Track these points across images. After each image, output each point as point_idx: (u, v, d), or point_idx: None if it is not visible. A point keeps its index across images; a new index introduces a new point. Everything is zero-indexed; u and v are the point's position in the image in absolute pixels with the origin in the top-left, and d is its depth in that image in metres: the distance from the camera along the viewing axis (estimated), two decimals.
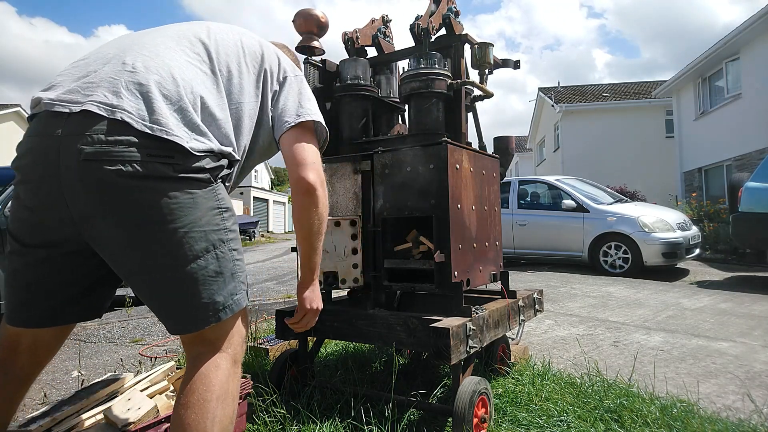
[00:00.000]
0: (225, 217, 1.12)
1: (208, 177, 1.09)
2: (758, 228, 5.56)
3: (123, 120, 1.00)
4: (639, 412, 1.87)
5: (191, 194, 1.05)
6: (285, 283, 7.06)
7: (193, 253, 1.04)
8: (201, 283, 1.06)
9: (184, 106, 1.08)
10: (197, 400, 1.02)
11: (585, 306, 4.42)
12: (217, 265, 1.08)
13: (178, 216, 1.03)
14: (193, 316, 1.07)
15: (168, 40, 1.18)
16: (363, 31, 2.47)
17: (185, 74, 1.12)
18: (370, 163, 2.10)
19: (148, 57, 1.11)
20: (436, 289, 1.90)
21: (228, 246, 1.11)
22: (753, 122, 10.31)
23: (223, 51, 1.23)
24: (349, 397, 1.94)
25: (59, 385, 2.66)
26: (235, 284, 1.12)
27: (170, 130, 1.03)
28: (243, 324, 1.18)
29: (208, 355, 1.08)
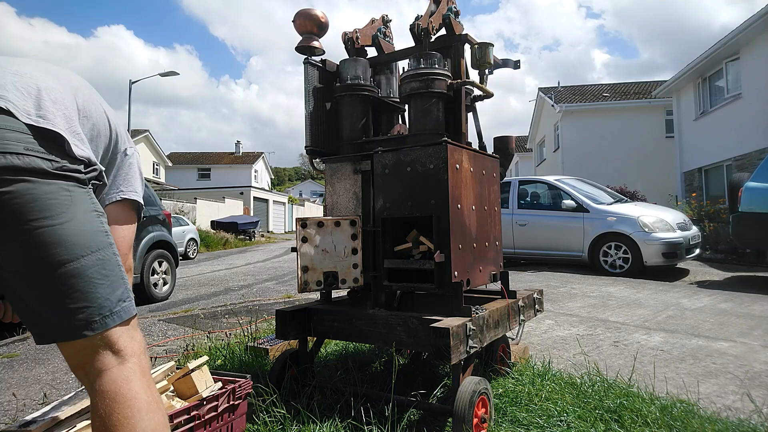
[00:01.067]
0: (103, 221, 1.07)
1: (84, 179, 1.05)
2: (758, 228, 5.56)
3: (7, 109, 0.97)
4: (639, 412, 1.87)
5: (69, 192, 1.00)
6: (285, 283, 7.06)
7: (75, 252, 0.97)
8: (85, 285, 0.98)
9: (69, 114, 1.08)
10: (118, 420, 0.94)
11: (585, 306, 4.42)
12: (102, 267, 1.01)
13: (56, 212, 0.96)
14: (75, 321, 0.96)
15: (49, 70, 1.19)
16: (363, 31, 2.47)
17: (66, 94, 1.13)
18: (370, 163, 2.10)
19: (33, 67, 1.12)
20: (436, 289, 1.90)
21: (111, 250, 1.05)
22: (753, 122, 10.31)
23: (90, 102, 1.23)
24: (349, 397, 1.94)
25: (59, 385, 2.66)
26: (123, 290, 1.05)
27: (56, 125, 1.01)
28: (139, 334, 1.08)
29: (111, 371, 0.98)
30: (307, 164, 2.42)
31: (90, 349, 0.99)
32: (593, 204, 7.15)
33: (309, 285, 1.99)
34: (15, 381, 2.79)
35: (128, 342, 1.03)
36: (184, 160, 39.14)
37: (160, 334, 3.86)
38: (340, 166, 2.22)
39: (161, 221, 6.10)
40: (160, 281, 5.89)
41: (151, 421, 0.97)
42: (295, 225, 2.00)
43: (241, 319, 3.81)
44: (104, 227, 1.07)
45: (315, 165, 2.43)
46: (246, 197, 29.01)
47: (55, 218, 0.96)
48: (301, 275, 1.98)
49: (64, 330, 0.97)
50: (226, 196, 25.80)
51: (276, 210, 33.60)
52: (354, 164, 2.18)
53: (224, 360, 2.69)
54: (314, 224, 2.00)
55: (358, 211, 2.13)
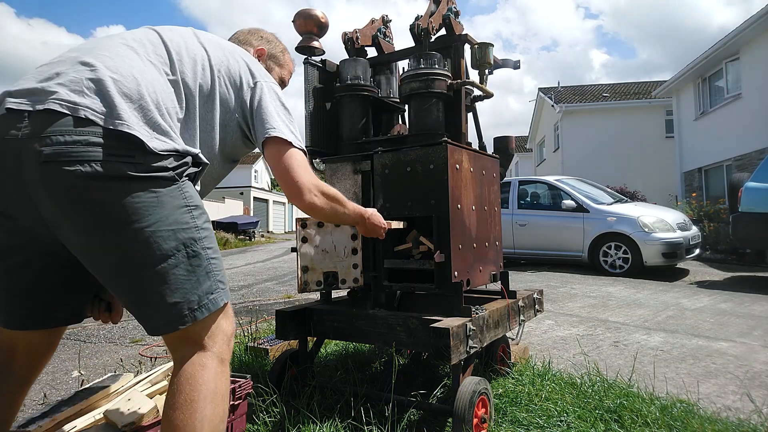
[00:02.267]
0: (195, 215, 1.09)
1: (171, 175, 1.06)
2: (758, 228, 5.56)
3: (87, 117, 0.98)
4: (639, 412, 1.87)
5: (155, 193, 1.02)
6: (285, 283, 7.06)
7: (161, 253, 1.02)
8: (173, 283, 1.04)
9: (145, 105, 1.06)
10: (184, 401, 1.01)
11: (585, 306, 4.42)
12: (189, 263, 1.06)
13: (143, 215, 1.00)
14: (168, 317, 1.05)
15: (130, 42, 1.17)
16: (363, 32, 2.47)
17: (146, 75, 1.11)
18: (370, 163, 2.10)
19: (108, 57, 1.09)
20: (436, 289, 1.90)
21: (201, 244, 1.09)
22: (753, 122, 10.31)
23: (186, 56, 1.22)
24: (349, 397, 1.94)
25: (59, 386, 2.66)
26: (210, 283, 1.10)
27: (132, 126, 1.01)
28: (226, 322, 1.15)
29: (192, 356, 1.07)
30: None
31: (180, 335, 1.08)
32: (593, 204, 7.15)
33: (309, 285, 1.99)
34: None
35: (213, 331, 1.11)
36: None
37: None
38: (340, 166, 2.22)
39: None
40: None
41: (212, 410, 1.04)
42: (295, 225, 2.00)
43: (241, 319, 3.81)
44: (194, 222, 1.09)
45: (315, 165, 2.43)
46: (246, 197, 29.01)
47: (141, 221, 1.00)
48: (301, 275, 1.98)
49: (160, 325, 1.06)
50: (226, 196, 25.80)
51: (276, 210, 33.60)
52: (354, 164, 2.17)
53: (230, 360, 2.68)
54: (314, 224, 2.00)
55: None
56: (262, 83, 1.31)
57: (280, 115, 1.29)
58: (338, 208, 1.40)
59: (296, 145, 1.27)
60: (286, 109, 1.32)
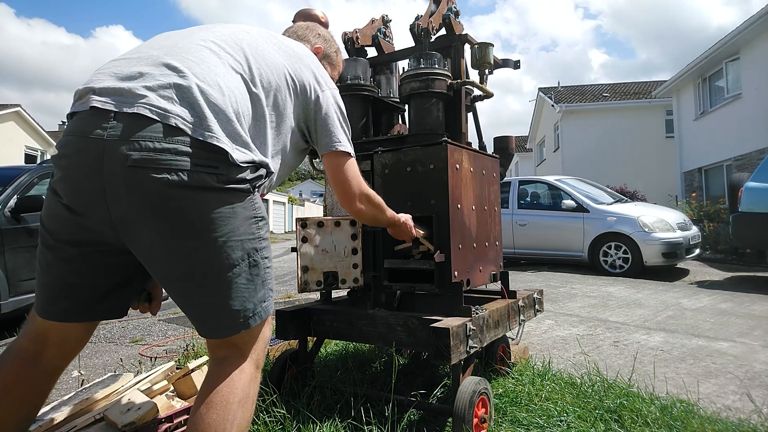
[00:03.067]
0: (260, 225, 1.14)
1: (248, 187, 1.11)
2: (758, 228, 5.56)
3: (177, 126, 1.00)
4: (639, 412, 1.86)
5: (231, 205, 1.07)
6: (285, 283, 7.06)
7: (230, 262, 1.07)
8: (235, 291, 1.08)
9: (229, 115, 1.09)
10: (220, 401, 1.04)
11: (585, 306, 4.42)
12: (250, 273, 1.10)
13: (219, 226, 1.04)
14: (225, 323, 1.09)
15: (211, 45, 1.18)
16: (363, 31, 2.47)
17: (229, 83, 1.13)
18: (370, 163, 2.10)
19: (195, 63, 1.11)
20: (436, 289, 1.90)
21: (261, 254, 1.14)
22: (753, 122, 10.30)
23: (263, 63, 1.24)
24: (349, 397, 1.94)
25: (59, 385, 2.65)
26: (264, 291, 1.15)
27: (220, 138, 1.04)
28: (267, 329, 1.20)
29: (234, 360, 1.11)
30: (307, 164, 2.42)
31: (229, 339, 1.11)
32: (593, 204, 7.15)
33: (309, 285, 1.99)
34: None
35: (255, 338, 1.15)
36: None
37: (160, 334, 3.86)
38: None
39: None
40: None
41: (242, 414, 1.08)
42: (295, 225, 2.00)
43: None
44: (259, 232, 1.14)
45: (315, 165, 2.43)
46: None
47: (216, 231, 1.05)
48: (301, 275, 1.98)
49: (216, 330, 1.10)
50: None
51: (276, 210, 33.60)
52: None
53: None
54: (314, 224, 2.00)
55: None
56: (327, 92, 1.38)
57: (343, 126, 1.38)
58: (378, 215, 1.54)
59: (352, 155, 1.38)
60: (345, 119, 1.40)
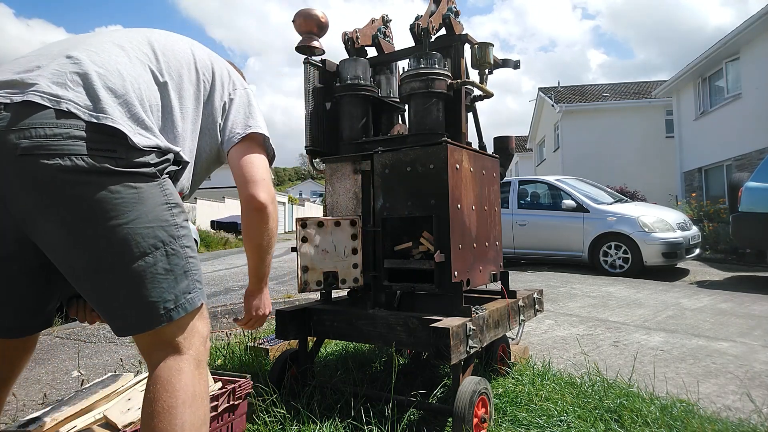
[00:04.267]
0: (174, 212, 1.07)
1: (153, 171, 1.04)
2: (758, 228, 5.55)
3: (69, 110, 0.95)
4: (639, 412, 1.86)
5: (135, 189, 1.00)
6: (285, 283, 7.06)
7: (140, 250, 0.99)
8: (150, 281, 1.01)
9: (130, 100, 1.04)
10: (162, 408, 0.98)
11: (585, 306, 4.42)
12: (167, 262, 1.03)
13: (122, 211, 0.97)
14: (143, 316, 1.01)
15: (116, 39, 1.16)
16: (363, 31, 2.47)
17: (131, 71, 1.09)
18: (370, 163, 2.10)
19: (94, 52, 1.08)
20: (436, 289, 1.90)
21: (180, 243, 1.06)
22: (753, 122, 10.30)
23: (171, 56, 1.21)
24: (349, 397, 1.94)
25: (59, 386, 2.65)
26: (188, 282, 1.07)
27: (116, 120, 0.99)
28: (202, 324, 1.12)
29: (169, 362, 1.03)
30: (307, 164, 2.42)
31: (153, 336, 1.04)
32: (593, 204, 7.15)
33: (309, 285, 1.99)
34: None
35: (189, 333, 1.07)
36: None
37: None
38: (340, 166, 2.22)
39: None
40: None
41: (192, 414, 1.00)
42: (295, 225, 2.00)
43: None
44: (174, 219, 1.06)
45: (315, 165, 2.43)
46: None
47: (120, 217, 0.98)
48: (301, 275, 1.98)
49: (133, 325, 1.03)
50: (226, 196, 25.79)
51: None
52: (354, 164, 2.17)
53: (224, 360, 2.69)
54: (314, 224, 2.00)
55: (358, 211, 2.13)
56: (242, 90, 1.34)
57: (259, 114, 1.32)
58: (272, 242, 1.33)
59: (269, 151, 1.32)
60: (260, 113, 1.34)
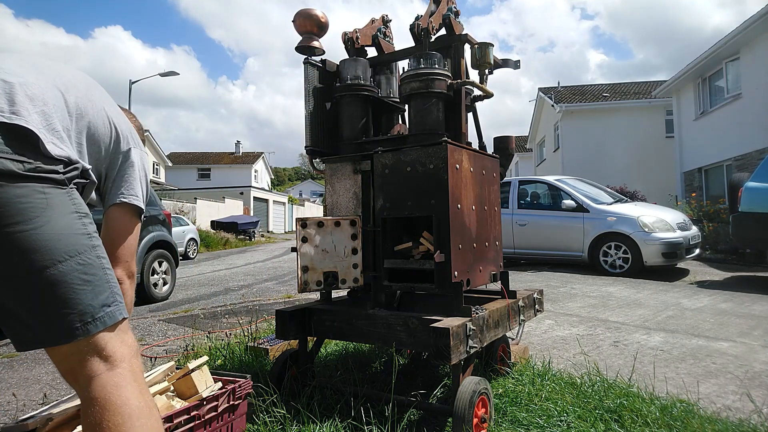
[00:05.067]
0: (85, 222, 1.02)
1: (62, 179, 1.00)
2: (758, 228, 5.56)
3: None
4: (639, 412, 1.87)
5: (44, 194, 0.95)
6: (285, 283, 7.06)
7: (51, 258, 0.94)
8: (63, 291, 0.95)
9: (48, 111, 1.03)
10: (108, 429, 0.92)
11: (585, 306, 4.42)
12: (83, 271, 0.98)
13: (30, 217, 0.92)
14: (54, 328, 0.94)
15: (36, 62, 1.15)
16: (363, 31, 2.47)
17: (51, 91, 1.09)
18: (370, 163, 2.10)
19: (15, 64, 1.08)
20: (436, 289, 1.90)
21: (94, 253, 1.01)
22: (753, 122, 10.30)
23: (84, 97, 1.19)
24: (349, 397, 1.94)
25: (59, 386, 2.66)
26: (107, 294, 1.01)
27: (29, 122, 0.96)
28: (128, 337, 1.05)
29: (100, 378, 0.96)
30: (307, 164, 2.42)
31: (77, 355, 0.97)
32: (593, 204, 7.15)
33: (309, 285, 1.99)
34: (15, 381, 2.79)
35: (117, 347, 1.01)
36: (184, 160, 39.12)
37: (160, 334, 3.86)
38: (340, 166, 2.22)
39: (161, 221, 6.10)
40: (160, 281, 5.89)
41: (142, 427, 0.95)
42: (295, 225, 2.00)
43: (241, 319, 3.82)
44: (86, 229, 1.02)
45: (315, 165, 2.43)
46: (246, 197, 29.01)
47: (28, 223, 0.92)
48: (301, 275, 1.98)
49: (44, 337, 0.95)
50: (226, 196, 25.80)
51: (276, 210, 33.60)
52: (354, 164, 2.17)
53: (224, 360, 2.69)
54: (314, 224, 2.00)
55: (358, 211, 2.13)
56: (139, 151, 1.36)
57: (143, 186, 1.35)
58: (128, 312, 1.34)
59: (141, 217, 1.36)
60: (148, 184, 1.39)
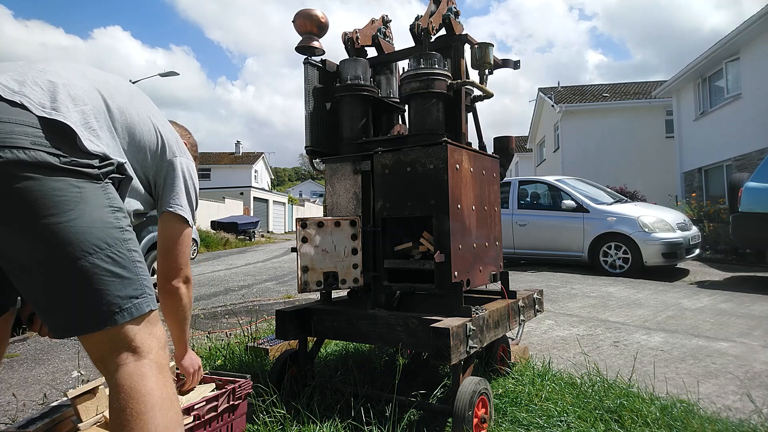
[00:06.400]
0: (119, 216, 1.05)
1: (97, 173, 1.03)
2: (758, 228, 5.56)
3: (21, 103, 0.96)
4: (639, 412, 1.87)
5: (78, 188, 0.98)
6: (285, 283, 7.06)
7: (82, 249, 0.97)
8: (94, 282, 0.98)
9: (87, 111, 1.07)
10: (131, 415, 0.96)
11: (585, 306, 4.42)
12: (113, 264, 1.01)
13: (64, 209, 0.96)
14: (83, 317, 0.98)
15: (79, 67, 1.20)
16: (363, 32, 2.47)
17: (91, 92, 1.13)
18: (370, 163, 2.10)
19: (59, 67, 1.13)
20: (436, 289, 1.90)
21: (125, 246, 1.05)
22: (753, 122, 10.30)
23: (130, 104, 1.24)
24: (349, 397, 1.94)
25: (59, 386, 2.66)
26: (136, 287, 1.05)
27: (67, 117, 1.00)
28: (159, 330, 1.10)
29: (127, 366, 1.01)
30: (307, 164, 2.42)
31: (106, 344, 1.01)
32: (593, 204, 7.16)
33: (309, 285, 1.99)
34: (15, 381, 2.79)
35: (145, 338, 1.05)
36: None
37: None
38: (340, 166, 2.22)
39: None
40: None
41: (163, 417, 0.99)
42: (295, 225, 2.00)
43: (241, 319, 3.82)
44: (118, 222, 1.05)
45: (315, 165, 2.43)
46: (246, 197, 29.01)
47: (62, 215, 0.95)
48: (301, 275, 1.98)
49: (74, 326, 1.00)
50: (226, 196, 25.80)
51: (276, 210, 33.61)
52: (354, 164, 2.17)
53: (224, 360, 2.69)
54: (314, 224, 2.00)
55: (358, 211, 2.13)
56: (184, 160, 1.39)
57: (190, 195, 1.38)
58: (187, 310, 1.48)
59: (191, 226, 1.38)
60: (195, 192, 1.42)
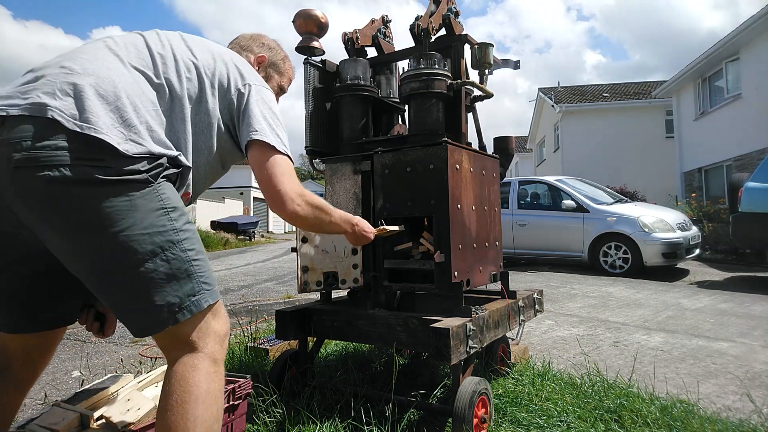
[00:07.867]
0: (173, 217, 1.07)
1: (145, 178, 1.03)
2: (758, 228, 5.56)
3: (53, 118, 0.96)
4: (639, 412, 1.87)
5: (128, 197, 1.01)
6: (285, 283, 7.06)
7: (139, 257, 1.01)
8: (151, 287, 1.03)
9: (122, 106, 1.05)
10: (176, 402, 1.02)
11: (585, 306, 4.42)
12: (168, 267, 1.04)
13: (116, 220, 0.99)
14: (149, 319, 1.05)
15: (112, 45, 1.16)
16: (363, 32, 2.47)
17: (125, 77, 1.10)
18: (370, 164, 2.10)
19: (88, 60, 1.09)
20: (436, 289, 1.90)
21: (180, 247, 1.07)
22: (753, 122, 10.31)
23: (170, 58, 1.20)
24: (349, 397, 1.94)
25: (59, 386, 2.66)
26: (192, 285, 1.08)
27: (100, 129, 0.99)
28: (217, 323, 1.14)
29: (185, 359, 1.08)
30: (307, 164, 2.42)
31: (168, 338, 1.09)
32: (593, 204, 7.16)
33: (309, 285, 1.99)
34: None
35: (202, 333, 1.11)
36: None
37: None
38: (340, 166, 2.22)
39: None
40: None
41: (204, 411, 1.04)
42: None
43: (241, 319, 3.81)
44: (171, 224, 1.06)
45: (315, 165, 2.43)
46: (246, 197, 29.01)
47: (114, 226, 0.99)
48: (301, 275, 1.98)
49: (142, 327, 1.07)
50: (226, 196, 25.80)
51: None
52: (354, 164, 2.17)
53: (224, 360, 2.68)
54: None
55: (358, 211, 2.13)
56: (251, 86, 1.28)
57: (267, 118, 1.25)
58: (323, 217, 1.34)
59: (281, 150, 1.23)
60: (275, 114, 1.28)
